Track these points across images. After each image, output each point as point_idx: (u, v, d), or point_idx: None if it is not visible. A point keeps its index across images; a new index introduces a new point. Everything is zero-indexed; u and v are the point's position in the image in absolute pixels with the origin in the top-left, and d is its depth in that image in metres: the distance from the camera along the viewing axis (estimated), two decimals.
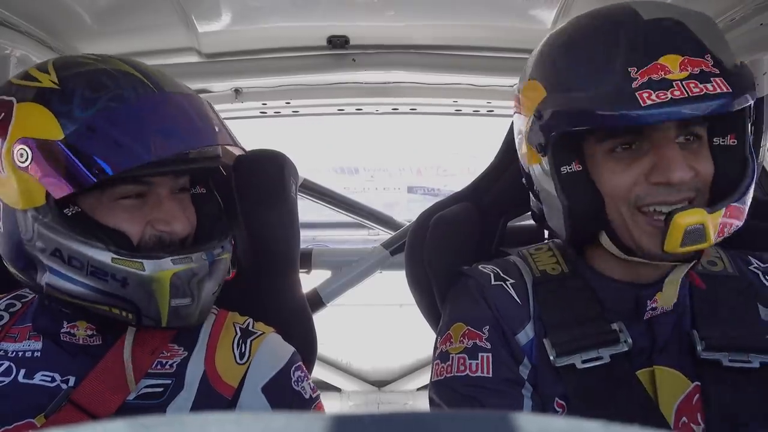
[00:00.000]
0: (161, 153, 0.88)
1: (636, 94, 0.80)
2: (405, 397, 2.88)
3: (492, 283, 1.06)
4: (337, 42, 1.80)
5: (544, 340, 0.98)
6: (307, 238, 2.58)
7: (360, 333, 2.86)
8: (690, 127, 0.89)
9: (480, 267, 1.11)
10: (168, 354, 1.01)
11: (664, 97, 0.79)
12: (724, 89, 0.79)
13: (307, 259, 1.98)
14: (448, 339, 1.04)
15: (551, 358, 0.95)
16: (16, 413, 0.90)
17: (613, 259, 0.98)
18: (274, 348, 1.09)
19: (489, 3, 1.66)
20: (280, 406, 1.02)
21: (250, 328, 1.10)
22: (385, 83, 1.99)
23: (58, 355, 0.97)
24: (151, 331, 0.99)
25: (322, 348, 1.38)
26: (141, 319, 0.93)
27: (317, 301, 1.94)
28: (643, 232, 0.90)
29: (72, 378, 0.95)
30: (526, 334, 1.01)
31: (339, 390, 2.90)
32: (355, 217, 2.49)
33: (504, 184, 1.31)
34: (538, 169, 0.98)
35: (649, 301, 0.97)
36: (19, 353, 0.97)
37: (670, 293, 0.97)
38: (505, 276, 1.07)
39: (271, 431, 0.25)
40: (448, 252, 1.24)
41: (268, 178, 1.33)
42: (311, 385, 1.10)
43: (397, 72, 1.90)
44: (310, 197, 2.40)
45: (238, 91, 2.00)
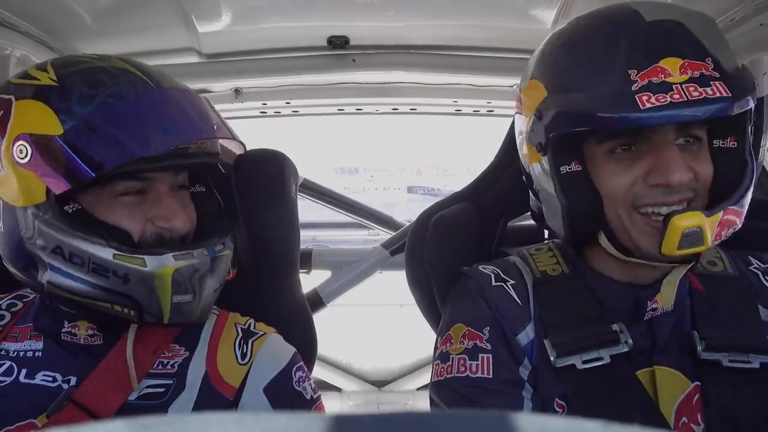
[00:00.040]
0: (160, 148, 0.88)
1: (636, 96, 0.80)
2: (405, 397, 2.88)
3: (492, 284, 1.06)
4: (337, 42, 1.80)
5: (545, 341, 0.98)
6: (307, 238, 2.57)
7: (360, 333, 2.86)
8: (690, 129, 0.89)
9: (480, 268, 1.11)
10: (169, 354, 1.01)
11: (664, 100, 0.79)
12: (724, 93, 0.79)
13: (307, 259, 1.98)
14: (448, 339, 1.04)
15: (552, 358, 0.96)
16: (17, 413, 0.90)
17: (612, 259, 0.98)
18: (276, 348, 1.09)
19: (489, 3, 1.66)
20: (282, 407, 1.02)
21: (252, 328, 1.10)
22: (385, 83, 1.99)
23: (60, 355, 0.97)
24: (152, 329, 0.99)
25: (322, 348, 1.38)
26: (143, 315, 0.93)
27: (317, 301, 1.94)
28: (641, 233, 0.90)
29: (73, 378, 0.95)
30: (527, 335, 1.01)
31: (339, 390, 2.90)
32: (355, 217, 2.48)
33: (504, 184, 1.31)
34: (538, 168, 0.98)
35: (649, 302, 0.97)
36: (21, 353, 0.97)
37: (668, 294, 0.97)
38: (505, 277, 1.07)
39: (271, 431, 0.25)
40: (448, 252, 1.24)
41: (268, 178, 1.33)
42: (312, 385, 1.10)
43: (397, 72, 1.90)
44: (310, 197, 2.40)
45: (238, 91, 2.00)
